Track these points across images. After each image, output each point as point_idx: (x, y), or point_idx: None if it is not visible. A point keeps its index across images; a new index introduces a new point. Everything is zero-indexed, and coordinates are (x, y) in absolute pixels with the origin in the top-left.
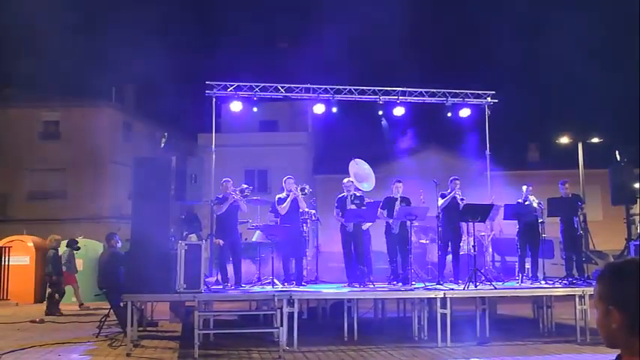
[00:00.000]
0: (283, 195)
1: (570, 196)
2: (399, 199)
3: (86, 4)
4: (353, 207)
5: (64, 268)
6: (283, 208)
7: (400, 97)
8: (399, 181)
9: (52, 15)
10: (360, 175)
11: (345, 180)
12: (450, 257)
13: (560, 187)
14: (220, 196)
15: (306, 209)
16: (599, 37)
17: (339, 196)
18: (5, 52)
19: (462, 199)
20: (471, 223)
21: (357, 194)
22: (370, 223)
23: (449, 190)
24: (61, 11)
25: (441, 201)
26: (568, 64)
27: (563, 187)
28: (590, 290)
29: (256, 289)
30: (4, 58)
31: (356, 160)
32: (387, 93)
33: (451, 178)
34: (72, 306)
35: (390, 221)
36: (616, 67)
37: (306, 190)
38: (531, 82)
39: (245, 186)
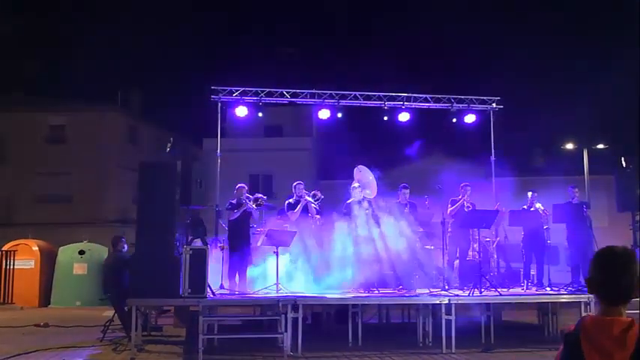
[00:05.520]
0: (293, 200)
1: (577, 202)
2: (407, 204)
3: (93, 10)
4: (367, 212)
5: None
6: (294, 214)
7: (405, 103)
8: (407, 187)
9: (58, 20)
10: (363, 182)
11: (355, 184)
12: (457, 263)
13: (569, 191)
14: (234, 202)
15: (316, 216)
16: (604, 42)
17: (348, 202)
18: (12, 56)
19: (468, 207)
20: (476, 229)
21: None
22: (378, 229)
23: (460, 196)
24: (67, 16)
25: (451, 207)
26: (573, 69)
27: (573, 192)
28: None
29: (261, 294)
30: (12, 63)
31: (359, 167)
32: (392, 98)
33: (462, 184)
34: (75, 310)
35: None
36: (621, 72)
37: (317, 196)
38: (537, 87)
39: (260, 195)
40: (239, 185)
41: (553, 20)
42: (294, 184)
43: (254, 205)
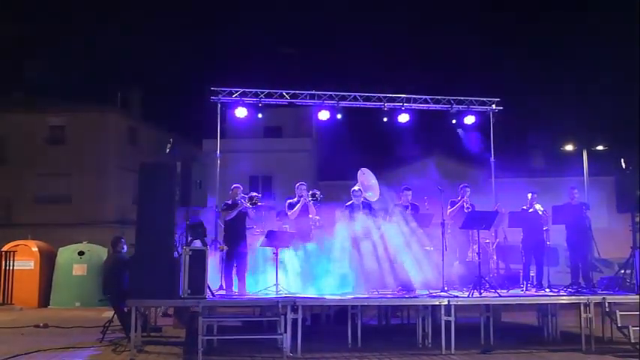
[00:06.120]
0: (294, 200)
1: (577, 203)
2: (409, 206)
3: (94, 10)
4: (367, 214)
5: None
6: (293, 213)
7: (405, 104)
8: (408, 189)
9: (58, 20)
10: (366, 185)
11: (356, 187)
12: (456, 264)
13: (570, 192)
14: (229, 202)
15: (316, 217)
16: (604, 43)
17: (348, 203)
18: (12, 57)
19: (467, 208)
20: (475, 230)
21: (366, 202)
22: (378, 231)
23: (459, 197)
24: (68, 17)
25: (450, 208)
26: (573, 70)
27: (573, 193)
28: (595, 298)
29: (260, 295)
30: (12, 64)
31: (362, 169)
32: (391, 100)
33: (461, 185)
34: (75, 311)
35: None
36: (621, 74)
37: (317, 196)
38: (537, 88)
39: (255, 194)
40: (234, 186)
41: (553, 20)
42: (297, 184)
43: (249, 205)
